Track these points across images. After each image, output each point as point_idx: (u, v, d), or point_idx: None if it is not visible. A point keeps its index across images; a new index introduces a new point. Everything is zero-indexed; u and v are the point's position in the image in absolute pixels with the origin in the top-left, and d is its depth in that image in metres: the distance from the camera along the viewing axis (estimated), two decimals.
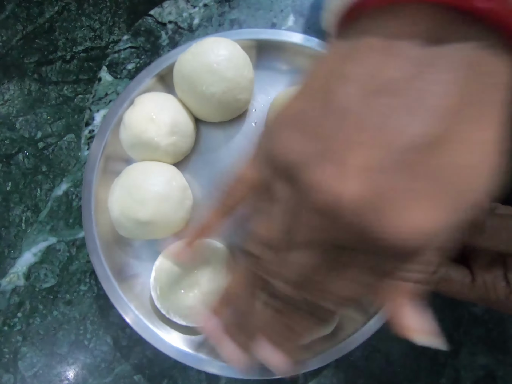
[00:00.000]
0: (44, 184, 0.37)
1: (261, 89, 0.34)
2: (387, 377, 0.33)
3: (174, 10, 0.39)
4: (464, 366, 0.33)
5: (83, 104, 0.38)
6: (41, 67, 0.39)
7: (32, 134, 0.38)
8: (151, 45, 0.38)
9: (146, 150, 0.30)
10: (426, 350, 0.33)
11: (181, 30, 0.38)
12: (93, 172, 0.31)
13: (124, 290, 0.30)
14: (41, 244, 0.36)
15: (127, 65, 0.38)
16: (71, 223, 0.36)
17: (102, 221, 0.31)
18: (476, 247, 0.28)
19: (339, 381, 0.33)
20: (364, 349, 0.33)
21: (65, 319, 0.34)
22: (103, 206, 0.30)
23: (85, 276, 0.35)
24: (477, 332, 0.33)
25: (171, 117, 0.30)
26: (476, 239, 0.25)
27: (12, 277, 0.35)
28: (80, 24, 0.39)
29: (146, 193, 0.28)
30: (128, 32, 0.38)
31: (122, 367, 0.33)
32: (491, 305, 0.27)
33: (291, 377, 0.30)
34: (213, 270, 0.28)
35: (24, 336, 0.34)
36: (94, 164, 0.31)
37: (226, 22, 0.38)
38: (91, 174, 0.31)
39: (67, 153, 0.37)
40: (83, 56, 0.39)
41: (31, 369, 0.34)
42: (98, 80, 0.38)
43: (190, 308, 0.27)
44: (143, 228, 0.28)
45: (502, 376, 0.33)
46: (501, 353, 0.33)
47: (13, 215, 0.36)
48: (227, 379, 0.33)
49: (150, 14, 0.39)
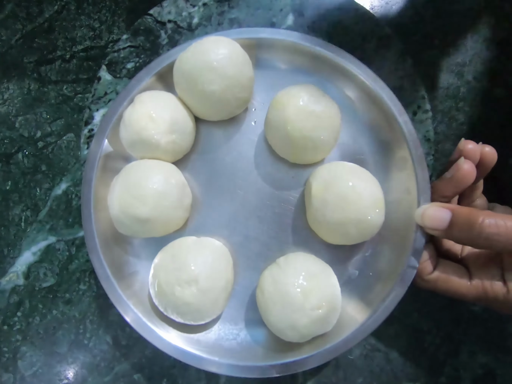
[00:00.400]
0: (43, 184, 0.37)
1: (261, 88, 0.34)
2: (387, 376, 0.33)
3: (174, 10, 0.39)
4: (463, 365, 0.33)
5: (83, 103, 0.38)
6: (41, 67, 0.39)
7: (31, 133, 0.38)
8: (150, 44, 0.38)
9: (146, 148, 0.30)
10: (425, 349, 0.33)
11: (181, 29, 0.38)
12: (93, 170, 0.31)
13: (123, 288, 0.29)
14: (41, 243, 0.36)
15: (126, 64, 0.38)
16: (70, 222, 0.36)
17: (102, 219, 0.31)
18: (474, 247, 0.28)
19: (339, 380, 0.33)
20: (363, 348, 0.33)
21: (65, 318, 0.34)
22: (102, 204, 0.30)
23: (84, 275, 0.35)
24: (476, 331, 0.33)
25: (170, 115, 0.30)
26: (474, 239, 0.25)
27: (11, 276, 0.35)
28: (79, 24, 0.39)
29: (145, 191, 0.28)
30: (127, 32, 0.39)
31: (121, 366, 0.33)
32: (488, 304, 0.27)
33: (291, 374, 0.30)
34: (211, 267, 0.28)
35: (23, 335, 0.34)
36: (94, 162, 0.31)
37: (226, 21, 0.38)
38: (91, 172, 0.31)
39: (67, 153, 0.37)
40: (83, 56, 0.39)
41: (31, 368, 0.34)
42: (97, 80, 0.38)
43: (188, 305, 0.27)
44: (142, 226, 0.28)
45: (501, 374, 0.33)
46: (501, 352, 0.33)
47: (13, 214, 0.36)
48: (226, 378, 0.33)
49: (149, 14, 0.39)
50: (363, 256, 0.31)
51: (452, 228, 0.25)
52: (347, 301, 0.30)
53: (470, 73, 0.37)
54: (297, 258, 0.29)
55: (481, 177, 0.29)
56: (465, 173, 0.27)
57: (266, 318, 0.28)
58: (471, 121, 0.26)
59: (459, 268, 0.28)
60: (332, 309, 0.27)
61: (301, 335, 0.27)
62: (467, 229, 0.25)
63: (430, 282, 0.28)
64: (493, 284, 0.26)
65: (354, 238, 0.28)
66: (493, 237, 0.24)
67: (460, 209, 0.26)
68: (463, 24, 0.38)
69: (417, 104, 0.36)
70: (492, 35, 0.37)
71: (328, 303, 0.27)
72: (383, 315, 0.28)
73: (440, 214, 0.26)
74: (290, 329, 0.26)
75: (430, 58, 0.37)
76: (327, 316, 0.27)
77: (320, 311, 0.26)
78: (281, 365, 0.28)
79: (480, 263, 0.28)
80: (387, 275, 0.29)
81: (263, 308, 0.28)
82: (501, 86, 0.36)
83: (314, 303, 0.26)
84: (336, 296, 0.28)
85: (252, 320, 0.31)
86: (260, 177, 0.33)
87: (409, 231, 0.29)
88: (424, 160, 0.29)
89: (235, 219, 0.32)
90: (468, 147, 0.28)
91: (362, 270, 0.31)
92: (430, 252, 0.29)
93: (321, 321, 0.27)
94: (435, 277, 0.28)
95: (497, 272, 0.27)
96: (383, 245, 0.31)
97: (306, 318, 0.26)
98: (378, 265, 0.31)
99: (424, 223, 0.27)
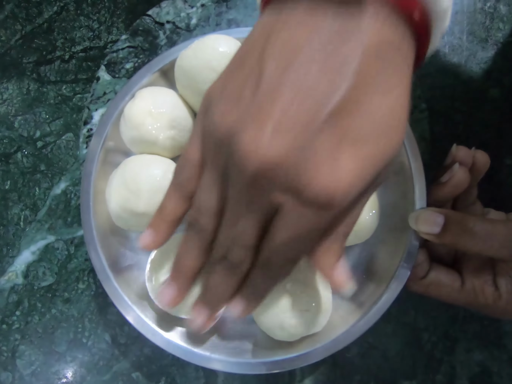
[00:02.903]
0: (42, 183, 0.37)
1: None
2: (384, 373, 0.33)
3: (172, 10, 0.39)
4: (460, 362, 0.33)
5: (82, 103, 0.38)
6: (40, 67, 0.39)
7: (30, 133, 0.38)
8: (149, 44, 0.38)
9: (145, 143, 0.30)
10: (422, 347, 0.33)
11: (179, 30, 0.39)
12: (93, 164, 0.31)
13: (119, 280, 0.30)
14: (40, 242, 0.36)
15: (125, 64, 0.38)
16: (69, 222, 0.36)
17: (100, 212, 0.31)
18: (466, 252, 0.28)
19: (336, 378, 0.33)
20: (360, 346, 0.33)
21: (64, 317, 0.34)
22: (101, 197, 0.31)
23: (83, 274, 0.35)
24: (473, 329, 0.33)
25: (170, 111, 0.30)
26: (467, 244, 0.25)
27: (10, 275, 0.35)
28: (78, 24, 0.40)
29: (141, 185, 0.28)
30: (126, 32, 0.39)
31: (120, 364, 0.34)
32: (479, 309, 0.27)
33: (288, 372, 0.30)
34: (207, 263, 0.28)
35: (22, 335, 0.34)
36: (94, 155, 0.31)
37: (224, 22, 0.38)
38: (91, 165, 0.31)
39: (66, 152, 0.37)
40: (82, 56, 0.39)
41: (30, 367, 0.34)
42: (96, 80, 0.38)
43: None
44: (138, 219, 0.28)
45: (497, 372, 0.33)
46: (497, 349, 0.33)
47: (12, 213, 0.36)
48: (225, 375, 0.33)
49: (148, 14, 0.39)
50: (358, 258, 0.32)
51: (445, 232, 0.26)
52: (339, 302, 0.30)
53: (465, 73, 0.37)
54: None
55: (475, 182, 0.30)
56: (460, 178, 0.27)
57: (256, 316, 0.28)
58: (467, 121, 0.26)
59: (451, 273, 0.28)
60: (322, 310, 0.27)
61: (290, 335, 0.27)
62: (460, 234, 0.25)
63: (422, 286, 0.28)
64: (485, 289, 0.27)
65: (348, 240, 0.28)
66: (485, 242, 0.24)
67: (453, 214, 0.26)
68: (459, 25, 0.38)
69: (413, 103, 0.36)
70: (487, 36, 0.38)
71: (318, 305, 0.27)
72: (375, 317, 0.28)
73: (434, 219, 0.26)
74: (279, 329, 0.27)
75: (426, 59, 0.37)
76: (317, 318, 0.27)
77: (309, 312, 0.26)
78: (271, 362, 0.28)
79: (472, 268, 0.28)
80: (381, 278, 0.30)
81: None
82: (496, 86, 0.36)
83: (304, 304, 0.26)
84: (326, 298, 0.28)
85: (246, 317, 0.31)
86: None
87: (403, 234, 0.29)
88: (421, 165, 0.29)
89: None
90: (460, 153, 0.28)
91: (356, 272, 0.31)
92: (423, 256, 0.29)
93: (310, 322, 0.27)
94: (427, 281, 0.28)
95: (489, 277, 0.27)
96: (377, 248, 0.31)
97: (294, 319, 0.26)
98: (372, 267, 0.31)
99: (418, 227, 0.27)
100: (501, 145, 0.35)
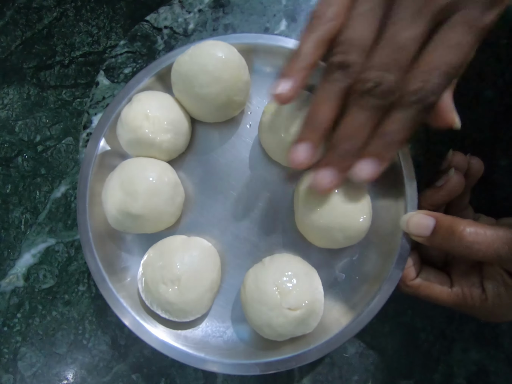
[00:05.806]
0: (43, 187, 0.37)
1: (256, 92, 0.34)
2: (381, 373, 0.33)
3: (170, 16, 0.39)
4: (457, 362, 0.33)
5: (81, 107, 0.39)
6: (40, 72, 0.39)
7: (31, 137, 0.38)
8: (147, 49, 0.39)
9: (141, 146, 0.30)
10: (419, 346, 0.34)
11: (177, 35, 0.39)
12: (90, 166, 0.31)
13: (114, 281, 0.30)
14: (40, 245, 0.36)
15: (124, 69, 0.39)
16: (69, 225, 0.36)
17: (96, 213, 0.31)
18: (456, 255, 0.29)
19: (334, 377, 0.33)
20: (358, 346, 0.34)
21: (64, 319, 0.35)
22: (98, 200, 0.31)
23: (83, 276, 0.36)
24: (469, 328, 0.34)
25: (166, 115, 0.30)
26: (455, 247, 0.25)
27: (11, 278, 0.36)
28: (78, 30, 0.40)
29: (137, 187, 0.28)
30: (125, 37, 0.39)
31: (120, 366, 0.34)
32: (467, 311, 0.28)
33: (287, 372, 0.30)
34: (196, 267, 0.29)
35: (23, 337, 0.35)
36: (91, 158, 0.32)
37: (220, 27, 0.39)
38: (88, 167, 0.31)
39: (66, 156, 0.38)
40: (81, 61, 0.39)
41: (31, 369, 0.34)
42: (95, 84, 0.38)
43: (170, 303, 0.28)
44: (133, 221, 0.29)
45: (494, 371, 0.33)
46: (493, 349, 0.33)
47: (13, 217, 0.37)
48: (224, 376, 0.33)
49: (146, 20, 0.39)
50: (350, 260, 0.32)
51: (435, 235, 0.26)
52: (332, 304, 0.30)
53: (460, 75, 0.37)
54: (281, 258, 0.29)
55: (468, 187, 0.30)
56: (455, 183, 0.28)
57: (246, 314, 0.29)
58: (462, 122, 0.26)
59: (441, 275, 0.29)
60: (312, 311, 0.27)
61: (278, 334, 0.27)
62: (449, 237, 0.25)
63: (412, 288, 0.29)
64: (472, 291, 0.27)
65: (340, 243, 0.29)
66: (473, 246, 0.24)
67: (443, 218, 0.26)
68: None
69: None
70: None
71: (307, 305, 0.27)
72: (368, 318, 0.28)
73: (425, 222, 0.27)
74: (266, 327, 0.27)
75: None
76: (306, 318, 0.27)
77: (298, 312, 0.26)
78: (265, 363, 0.28)
79: (461, 271, 0.29)
80: (373, 279, 0.30)
81: (244, 304, 0.28)
82: (491, 88, 0.37)
83: (292, 304, 0.26)
84: (317, 300, 0.28)
85: (239, 318, 0.31)
86: (253, 179, 0.33)
87: (395, 237, 0.29)
88: (412, 168, 0.30)
89: (226, 219, 0.33)
90: (455, 159, 0.29)
91: (349, 273, 0.32)
92: (414, 259, 0.29)
93: (298, 322, 0.27)
94: (417, 283, 0.29)
95: (476, 280, 0.27)
96: (370, 250, 0.31)
97: (282, 318, 0.26)
98: (365, 269, 0.31)
99: (409, 229, 0.28)
100: (495, 146, 0.36)
